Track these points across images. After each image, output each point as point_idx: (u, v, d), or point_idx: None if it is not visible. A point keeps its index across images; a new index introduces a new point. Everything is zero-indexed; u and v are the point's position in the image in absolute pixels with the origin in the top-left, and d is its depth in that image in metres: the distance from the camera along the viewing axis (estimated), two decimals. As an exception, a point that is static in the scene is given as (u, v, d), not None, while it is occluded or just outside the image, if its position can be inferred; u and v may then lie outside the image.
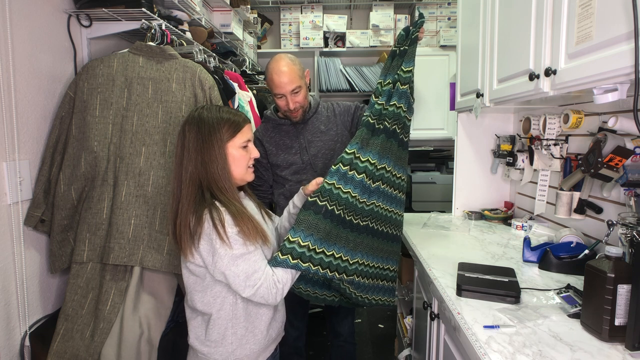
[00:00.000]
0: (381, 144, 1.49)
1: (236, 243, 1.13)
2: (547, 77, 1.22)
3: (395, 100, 1.53)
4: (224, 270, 1.13)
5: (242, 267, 1.14)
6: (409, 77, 1.54)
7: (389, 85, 1.56)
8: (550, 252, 1.45)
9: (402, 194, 1.59)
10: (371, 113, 1.51)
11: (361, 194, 1.41)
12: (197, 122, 1.20)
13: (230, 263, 1.13)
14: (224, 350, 1.21)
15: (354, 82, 3.34)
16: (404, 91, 1.53)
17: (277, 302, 1.21)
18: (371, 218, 1.48)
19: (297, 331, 1.91)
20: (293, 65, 1.62)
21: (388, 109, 1.52)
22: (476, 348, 0.96)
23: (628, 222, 1.13)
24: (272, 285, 1.17)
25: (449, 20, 3.38)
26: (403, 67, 1.55)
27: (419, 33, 1.57)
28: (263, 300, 1.17)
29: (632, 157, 1.27)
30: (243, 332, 1.22)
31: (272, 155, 1.77)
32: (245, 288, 1.14)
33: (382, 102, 1.53)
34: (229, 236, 1.13)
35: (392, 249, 1.59)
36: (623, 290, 0.94)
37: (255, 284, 1.14)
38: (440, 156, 3.38)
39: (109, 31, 1.72)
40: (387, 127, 1.51)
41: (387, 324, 3.10)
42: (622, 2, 0.89)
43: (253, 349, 1.24)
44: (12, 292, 1.41)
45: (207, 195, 1.17)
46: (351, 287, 1.42)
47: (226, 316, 1.20)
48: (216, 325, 1.20)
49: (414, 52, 1.58)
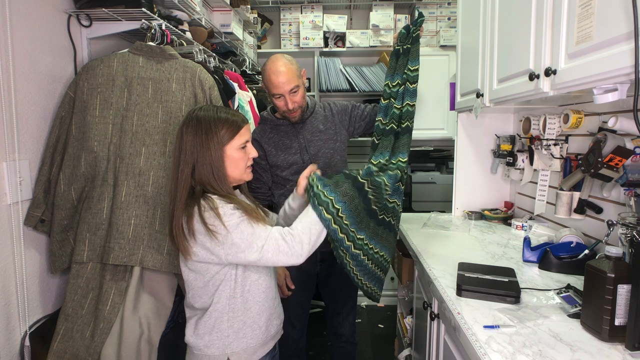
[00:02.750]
0: (402, 144, 1.59)
1: (232, 216, 1.14)
2: (547, 77, 1.22)
3: (408, 100, 1.63)
4: (233, 240, 1.12)
5: (244, 231, 1.13)
6: (416, 76, 1.64)
7: (398, 86, 1.62)
8: (550, 252, 1.45)
9: (401, 184, 1.61)
10: (392, 119, 1.61)
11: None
12: (194, 124, 1.20)
13: (234, 233, 1.12)
14: (220, 343, 1.21)
15: (354, 82, 3.34)
16: (414, 89, 1.63)
17: (297, 258, 1.16)
18: (380, 207, 1.53)
19: (298, 332, 1.91)
20: (290, 65, 1.62)
21: (403, 109, 1.63)
22: (476, 348, 0.96)
23: (628, 222, 1.13)
24: (279, 240, 1.15)
25: (449, 20, 3.37)
26: (410, 66, 1.61)
27: (420, 31, 1.60)
28: (275, 258, 1.14)
29: (632, 157, 1.27)
30: (240, 325, 1.23)
31: (272, 156, 1.77)
32: (250, 251, 1.13)
33: (399, 105, 1.64)
34: (223, 212, 1.13)
35: (389, 238, 1.61)
36: (623, 290, 0.94)
37: (258, 244, 1.13)
38: (440, 156, 3.37)
39: (109, 31, 1.72)
40: (409, 126, 1.61)
41: (387, 324, 3.10)
42: (622, 2, 0.89)
43: (250, 344, 1.24)
44: (12, 292, 1.41)
45: (197, 194, 1.17)
46: (352, 262, 1.45)
47: (222, 309, 1.21)
48: (212, 318, 1.21)
49: (418, 50, 1.64)
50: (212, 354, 1.22)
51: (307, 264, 1.81)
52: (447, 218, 2.30)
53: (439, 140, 3.45)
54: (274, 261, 1.15)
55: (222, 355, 1.22)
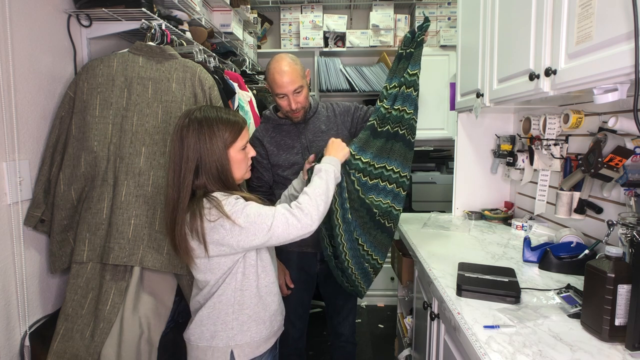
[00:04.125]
0: (381, 145, 1.61)
1: (235, 204, 1.14)
2: (547, 77, 1.22)
3: (399, 104, 1.61)
4: (241, 225, 1.12)
5: (250, 214, 1.13)
6: (414, 81, 1.62)
7: (394, 88, 1.63)
8: (550, 252, 1.45)
9: (402, 190, 1.65)
10: (377, 117, 1.61)
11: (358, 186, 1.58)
12: (196, 126, 1.18)
13: (240, 218, 1.12)
14: (224, 335, 1.22)
15: (354, 82, 3.34)
16: (409, 94, 1.61)
17: (308, 228, 1.16)
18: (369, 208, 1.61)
19: (298, 332, 1.91)
20: (295, 65, 1.62)
21: (392, 112, 1.62)
22: (476, 348, 0.96)
23: (628, 222, 1.13)
24: (287, 214, 1.14)
25: (449, 20, 3.37)
26: (409, 70, 1.61)
27: (425, 36, 1.60)
28: (286, 233, 1.14)
29: (632, 157, 1.27)
30: (245, 318, 1.23)
31: (273, 156, 1.77)
32: (261, 232, 1.12)
33: (387, 106, 1.62)
34: (226, 202, 1.13)
35: (381, 238, 1.66)
36: (623, 290, 0.94)
37: (267, 222, 1.13)
38: (440, 156, 3.37)
39: (109, 31, 1.72)
40: (389, 130, 1.61)
41: (387, 324, 3.10)
42: (622, 2, 0.89)
43: (254, 338, 1.24)
44: (12, 292, 1.41)
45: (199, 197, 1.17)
46: (346, 245, 1.54)
47: (228, 301, 1.21)
48: (217, 310, 1.22)
49: (420, 55, 1.63)
50: (216, 346, 1.22)
51: (307, 263, 1.84)
52: (447, 218, 2.30)
53: (439, 140, 3.45)
54: (285, 236, 1.14)
55: (225, 347, 1.22)
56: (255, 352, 1.25)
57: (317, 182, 1.24)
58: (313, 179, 1.27)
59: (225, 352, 1.22)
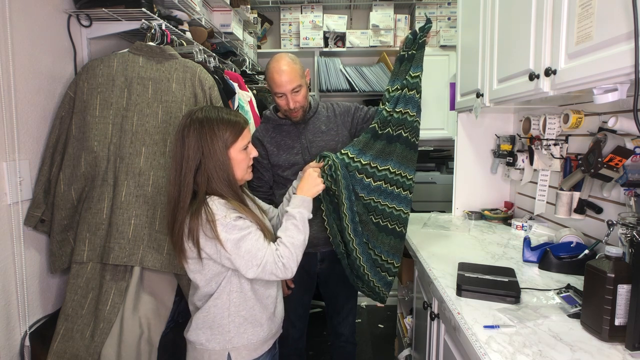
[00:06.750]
0: (382, 148, 1.61)
1: (234, 228, 1.14)
2: (547, 77, 1.22)
3: (402, 107, 1.61)
4: (229, 255, 1.15)
5: (245, 247, 1.15)
6: (416, 83, 1.62)
7: (397, 91, 1.63)
8: (550, 252, 1.45)
9: (409, 193, 1.65)
10: (379, 120, 1.62)
11: (361, 189, 1.59)
12: (197, 126, 1.19)
13: (233, 247, 1.14)
14: (221, 338, 1.22)
15: (354, 82, 3.34)
16: (411, 97, 1.61)
17: (290, 273, 1.20)
18: (375, 213, 1.62)
19: (298, 332, 1.91)
20: (294, 65, 1.62)
21: (393, 115, 1.61)
22: (476, 348, 0.96)
23: (628, 222, 1.13)
24: (274, 268, 1.17)
25: (449, 20, 3.37)
26: (411, 73, 1.61)
27: (427, 38, 1.60)
28: (274, 276, 1.18)
29: (632, 157, 1.27)
30: (241, 320, 1.23)
31: (273, 156, 1.77)
32: (251, 267, 1.15)
33: (390, 109, 1.62)
34: (227, 222, 1.14)
35: (394, 243, 1.65)
36: (623, 290, 0.94)
37: (260, 262, 1.15)
38: (440, 156, 3.37)
39: (109, 31, 1.72)
40: (390, 133, 1.61)
41: (387, 324, 3.10)
42: (622, 2, 0.89)
43: (251, 340, 1.24)
44: (12, 292, 1.41)
45: (200, 198, 1.17)
46: (359, 250, 1.56)
47: (223, 304, 1.22)
48: (212, 313, 1.22)
49: (422, 58, 1.62)
50: (212, 349, 1.22)
51: (307, 263, 1.84)
52: (447, 218, 2.30)
53: (439, 140, 3.45)
54: (267, 279, 1.21)
55: (222, 350, 1.22)
56: (252, 355, 1.25)
57: (294, 233, 1.25)
58: (288, 225, 1.27)
59: (222, 355, 1.22)
